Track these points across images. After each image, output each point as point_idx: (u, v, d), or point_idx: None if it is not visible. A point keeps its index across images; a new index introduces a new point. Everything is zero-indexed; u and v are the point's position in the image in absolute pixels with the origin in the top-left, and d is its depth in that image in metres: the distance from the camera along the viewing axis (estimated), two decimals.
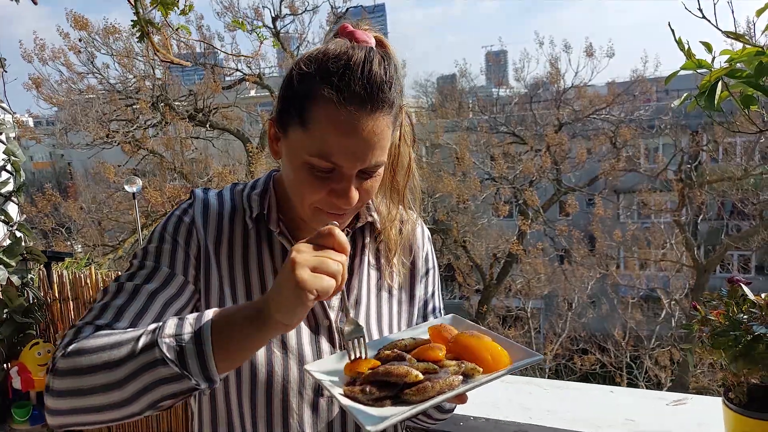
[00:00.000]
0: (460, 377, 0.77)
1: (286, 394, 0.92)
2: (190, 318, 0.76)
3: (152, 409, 0.76)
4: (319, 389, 0.94)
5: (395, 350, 0.83)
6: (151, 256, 0.90)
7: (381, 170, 0.89)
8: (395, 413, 0.73)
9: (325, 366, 0.86)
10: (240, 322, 0.73)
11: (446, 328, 0.87)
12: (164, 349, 0.72)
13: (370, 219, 1.00)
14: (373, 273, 1.01)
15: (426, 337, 0.89)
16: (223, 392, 0.93)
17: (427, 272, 1.08)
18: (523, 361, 0.79)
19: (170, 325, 0.75)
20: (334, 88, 0.80)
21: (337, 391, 0.78)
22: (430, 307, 1.09)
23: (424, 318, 1.08)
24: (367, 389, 0.77)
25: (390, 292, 1.02)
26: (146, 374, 0.73)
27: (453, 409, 1.06)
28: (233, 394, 0.92)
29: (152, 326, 0.76)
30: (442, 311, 1.10)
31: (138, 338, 0.75)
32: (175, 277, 0.89)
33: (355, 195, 0.85)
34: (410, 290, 1.04)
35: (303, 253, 0.71)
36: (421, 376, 0.76)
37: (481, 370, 0.79)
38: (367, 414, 0.74)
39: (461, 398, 0.79)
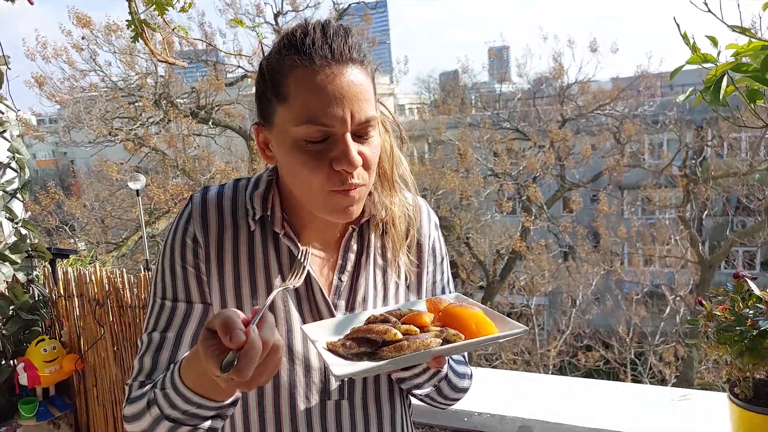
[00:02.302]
0: (439, 340, 0.78)
1: (293, 398, 0.92)
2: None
3: None
4: (326, 393, 0.94)
5: (383, 314, 0.84)
6: (168, 292, 0.92)
7: (376, 137, 0.87)
8: (364, 366, 0.75)
9: (321, 326, 0.87)
10: (192, 354, 0.79)
11: (442, 300, 0.87)
12: (165, 412, 0.82)
13: (375, 212, 0.97)
14: (379, 269, 0.99)
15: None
16: None
17: (434, 260, 1.05)
18: (507, 333, 0.79)
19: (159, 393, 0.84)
20: (299, 52, 0.82)
21: (321, 345, 0.80)
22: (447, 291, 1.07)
23: None
24: (348, 344, 0.79)
25: (397, 288, 1.00)
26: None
27: (465, 389, 1.04)
28: (240, 400, 0.92)
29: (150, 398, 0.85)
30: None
31: (149, 409, 0.85)
32: (194, 308, 0.92)
33: (357, 156, 0.83)
34: (417, 283, 1.02)
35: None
36: (400, 336, 0.77)
37: (463, 336, 0.79)
38: (338, 363, 0.76)
39: (439, 361, 0.80)
